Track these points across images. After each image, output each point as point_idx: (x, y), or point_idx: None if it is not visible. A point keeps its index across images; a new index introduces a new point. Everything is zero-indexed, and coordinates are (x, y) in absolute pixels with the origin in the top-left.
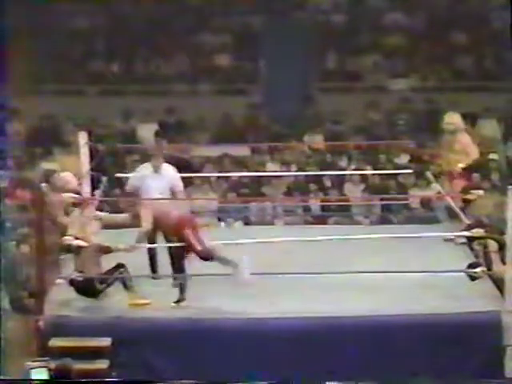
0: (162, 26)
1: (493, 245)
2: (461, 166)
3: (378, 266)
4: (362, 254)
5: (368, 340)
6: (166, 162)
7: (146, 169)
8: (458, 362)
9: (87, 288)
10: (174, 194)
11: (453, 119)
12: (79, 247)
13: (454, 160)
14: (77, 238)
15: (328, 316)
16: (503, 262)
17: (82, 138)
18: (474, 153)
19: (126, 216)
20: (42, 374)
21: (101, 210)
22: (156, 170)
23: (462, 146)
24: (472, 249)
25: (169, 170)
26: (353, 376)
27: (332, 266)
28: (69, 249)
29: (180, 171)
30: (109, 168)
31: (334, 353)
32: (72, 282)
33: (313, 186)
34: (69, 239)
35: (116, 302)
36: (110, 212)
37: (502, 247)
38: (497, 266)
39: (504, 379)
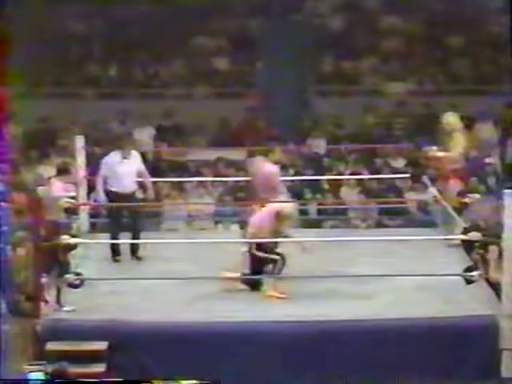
0: (159, 30)
1: (494, 250)
2: (456, 166)
3: (374, 270)
4: (359, 258)
5: (365, 343)
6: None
7: (115, 156)
8: (454, 366)
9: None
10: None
11: (450, 119)
12: None
13: (449, 160)
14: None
15: (325, 320)
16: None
17: (79, 141)
18: (470, 154)
19: None
20: (39, 378)
21: (97, 214)
22: (125, 156)
23: (458, 146)
24: (468, 252)
25: (135, 156)
26: (350, 379)
27: (328, 270)
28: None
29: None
30: None
31: (331, 356)
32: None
33: (309, 190)
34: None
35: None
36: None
37: (498, 251)
38: (495, 271)
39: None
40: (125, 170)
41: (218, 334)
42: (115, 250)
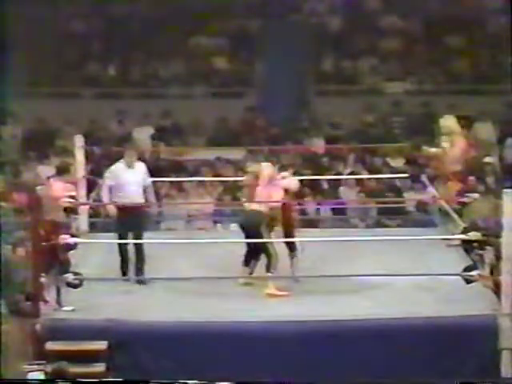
0: (158, 29)
1: (490, 253)
2: (455, 169)
3: (373, 269)
4: (358, 257)
5: (364, 342)
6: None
7: (120, 165)
8: (453, 365)
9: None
10: (144, 188)
11: (448, 122)
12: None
13: (448, 163)
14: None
15: (325, 320)
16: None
17: (78, 141)
18: (469, 156)
19: None
20: (39, 378)
21: (96, 214)
22: (129, 165)
23: (457, 148)
24: (467, 252)
25: (140, 165)
26: (350, 378)
27: (328, 269)
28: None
29: None
30: (104, 171)
31: (331, 356)
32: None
33: (309, 189)
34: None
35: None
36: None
37: (497, 251)
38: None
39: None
40: (130, 179)
41: (217, 334)
42: (125, 272)
